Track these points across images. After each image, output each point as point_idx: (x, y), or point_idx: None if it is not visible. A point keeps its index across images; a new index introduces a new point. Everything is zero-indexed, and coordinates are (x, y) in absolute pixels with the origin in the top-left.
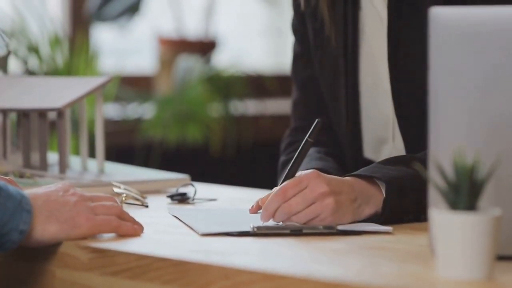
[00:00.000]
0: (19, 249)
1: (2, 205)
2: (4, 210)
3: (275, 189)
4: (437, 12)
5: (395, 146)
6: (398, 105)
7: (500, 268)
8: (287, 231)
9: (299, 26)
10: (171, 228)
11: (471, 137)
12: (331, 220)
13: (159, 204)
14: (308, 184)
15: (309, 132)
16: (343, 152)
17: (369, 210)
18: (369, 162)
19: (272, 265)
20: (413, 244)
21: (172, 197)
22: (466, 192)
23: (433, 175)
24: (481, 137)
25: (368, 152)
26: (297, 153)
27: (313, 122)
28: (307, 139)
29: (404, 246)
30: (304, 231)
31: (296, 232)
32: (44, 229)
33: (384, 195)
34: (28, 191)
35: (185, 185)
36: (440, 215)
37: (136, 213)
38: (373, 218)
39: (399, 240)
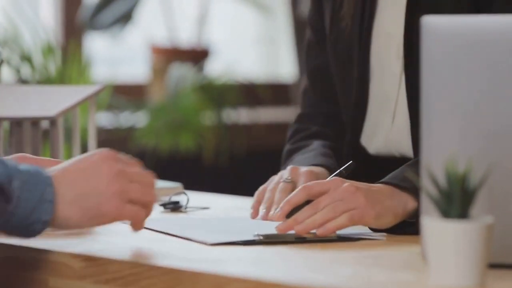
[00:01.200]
0: (11, 258)
1: (25, 200)
2: (26, 203)
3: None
4: (429, 21)
5: (393, 128)
6: (410, 86)
7: (492, 276)
8: (292, 239)
9: (315, 14)
10: (164, 236)
11: (463, 145)
12: (364, 213)
13: (152, 212)
14: (343, 198)
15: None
16: (343, 144)
17: (411, 206)
18: (364, 150)
19: (264, 273)
20: (406, 252)
21: (164, 205)
22: (458, 200)
23: (426, 183)
24: (474, 145)
25: (364, 138)
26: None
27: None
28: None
29: (397, 254)
30: (308, 238)
31: (300, 240)
32: (67, 218)
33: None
34: (58, 168)
35: (178, 193)
36: (432, 223)
37: None
38: (407, 229)
39: (392, 248)
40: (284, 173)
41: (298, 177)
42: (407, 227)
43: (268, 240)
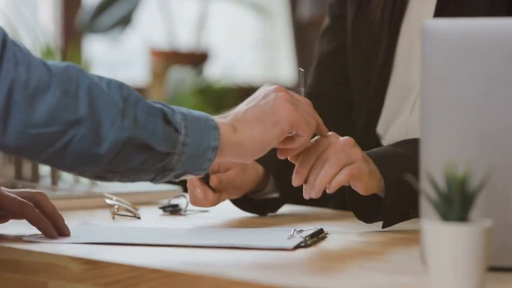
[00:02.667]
0: (11, 261)
1: (192, 129)
2: (194, 132)
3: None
4: (429, 24)
5: (411, 118)
6: None
7: (492, 280)
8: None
9: (337, 2)
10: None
11: (462, 149)
12: (361, 167)
13: (151, 215)
14: (343, 150)
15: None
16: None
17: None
18: (377, 140)
19: (265, 276)
20: (405, 255)
21: (164, 208)
22: (457, 204)
23: (425, 187)
24: (473, 149)
25: (380, 126)
26: None
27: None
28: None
29: (397, 257)
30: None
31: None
32: (251, 136)
33: (384, 197)
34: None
35: (177, 196)
36: (431, 227)
37: (128, 224)
38: (375, 218)
39: (391, 251)
40: None
41: None
42: (375, 217)
43: (312, 241)
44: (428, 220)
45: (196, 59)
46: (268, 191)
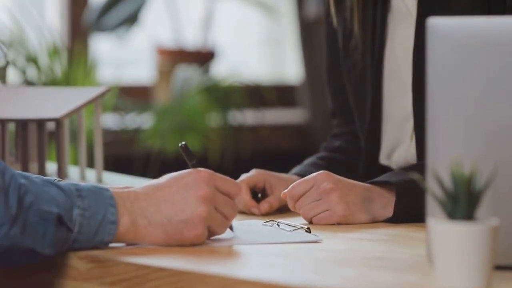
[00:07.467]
0: None
1: (87, 226)
2: (88, 229)
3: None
4: (435, 22)
5: (411, 147)
6: (417, 101)
7: (498, 278)
8: None
9: (330, 37)
10: None
11: (468, 147)
12: (343, 215)
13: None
14: (314, 183)
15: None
16: (355, 159)
17: (387, 213)
18: (383, 168)
19: (271, 275)
20: (412, 254)
21: None
22: (464, 202)
23: (431, 185)
24: (479, 147)
25: (383, 157)
26: None
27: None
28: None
29: (403, 256)
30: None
31: None
32: (152, 241)
33: (395, 196)
34: (149, 185)
35: None
36: (438, 225)
37: None
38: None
39: (398, 250)
40: None
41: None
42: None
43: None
44: (434, 218)
45: (203, 57)
46: None
